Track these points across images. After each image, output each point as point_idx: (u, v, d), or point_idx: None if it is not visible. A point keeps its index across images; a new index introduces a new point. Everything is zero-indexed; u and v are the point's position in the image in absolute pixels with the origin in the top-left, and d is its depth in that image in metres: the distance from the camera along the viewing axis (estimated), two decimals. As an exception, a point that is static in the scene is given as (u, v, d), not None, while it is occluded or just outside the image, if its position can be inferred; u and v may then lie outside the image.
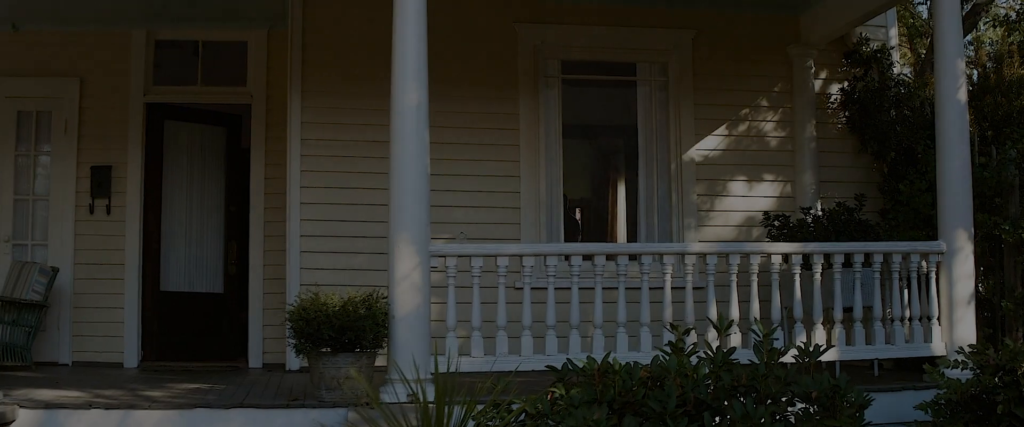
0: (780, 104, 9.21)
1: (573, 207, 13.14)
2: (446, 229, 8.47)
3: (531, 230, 8.55)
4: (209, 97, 9.74)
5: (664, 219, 8.95)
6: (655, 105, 9.07)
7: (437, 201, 8.39)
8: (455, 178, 8.54)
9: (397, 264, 6.49)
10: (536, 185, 8.63)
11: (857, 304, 7.20)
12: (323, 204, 8.53)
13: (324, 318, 6.44)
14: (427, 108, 6.64)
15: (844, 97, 9.30)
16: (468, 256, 6.71)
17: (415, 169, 6.57)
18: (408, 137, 6.58)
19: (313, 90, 8.62)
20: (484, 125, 8.66)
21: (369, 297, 6.64)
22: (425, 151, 6.61)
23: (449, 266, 6.68)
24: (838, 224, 7.90)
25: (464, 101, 8.63)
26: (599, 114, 9.70)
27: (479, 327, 6.67)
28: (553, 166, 8.80)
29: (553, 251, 6.77)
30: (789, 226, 8.16)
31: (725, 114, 9.08)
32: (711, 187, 9.00)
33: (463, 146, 8.61)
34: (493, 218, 8.56)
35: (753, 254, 6.97)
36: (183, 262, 9.73)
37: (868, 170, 9.31)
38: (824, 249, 7.11)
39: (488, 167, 8.62)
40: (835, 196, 9.10)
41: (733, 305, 6.90)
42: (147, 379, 8.02)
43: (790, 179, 9.10)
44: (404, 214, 6.54)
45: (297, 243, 8.49)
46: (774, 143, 9.17)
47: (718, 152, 9.03)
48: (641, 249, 6.83)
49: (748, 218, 8.97)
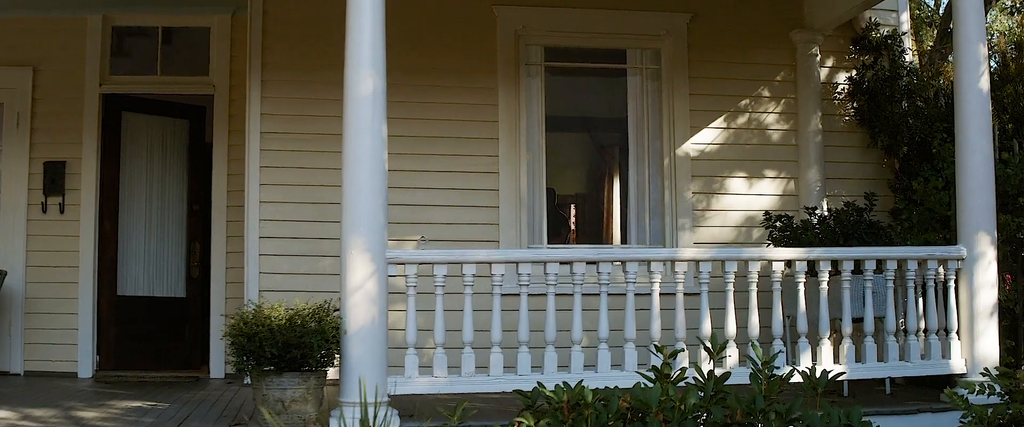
0: (783, 94, 8.31)
1: (562, 205, 12.28)
2: (418, 230, 7.63)
3: (511, 231, 7.69)
4: (170, 87, 8.91)
5: (656, 219, 8.07)
6: (647, 95, 8.19)
7: (407, 200, 7.60)
8: (428, 175, 7.69)
9: (350, 273, 5.66)
10: (516, 182, 7.76)
11: (868, 315, 6.32)
12: (284, 203, 7.68)
13: (267, 333, 5.62)
14: (384, 97, 5.80)
15: (852, 87, 8.41)
16: (430, 263, 5.85)
17: (370, 166, 5.74)
18: (362, 130, 5.74)
19: (274, 79, 7.77)
20: (460, 117, 7.80)
21: (320, 309, 5.82)
22: (382, 145, 5.76)
23: (409, 275, 5.83)
24: (846, 226, 7.01)
25: (437, 91, 7.77)
26: (586, 105, 8.79)
27: (443, 343, 5.82)
28: (535, 162, 7.93)
29: (526, 258, 5.89)
30: (792, 227, 7.27)
31: (723, 105, 8.18)
32: (707, 184, 8.11)
33: (436, 140, 7.75)
34: (469, 218, 7.70)
35: (752, 260, 6.09)
36: (142, 264, 8.91)
37: (878, 166, 8.43)
38: (831, 255, 6.22)
39: (464, 163, 7.76)
40: (842, 194, 8.23)
41: (729, 317, 6.03)
42: (92, 394, 7.21)
43: (793, 176, 8.21)
44: (357, 216, 5.71)
45: (255, 246, 7.65)
46: (776, 137, 8.28)
47: (715, 146, 8.15)
48: (625, 255, 5.95)
49: (747, 218, 8.09)
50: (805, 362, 6.11)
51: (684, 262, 6.01)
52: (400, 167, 7.60)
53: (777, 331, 6.12)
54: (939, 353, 6.39)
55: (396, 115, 7.64)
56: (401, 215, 7.58)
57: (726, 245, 7.95)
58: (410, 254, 5.88)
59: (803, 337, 6.18)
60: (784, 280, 6.25)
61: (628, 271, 5.91)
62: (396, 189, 7.60)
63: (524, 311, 5.83)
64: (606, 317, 5.88)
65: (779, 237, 7.32)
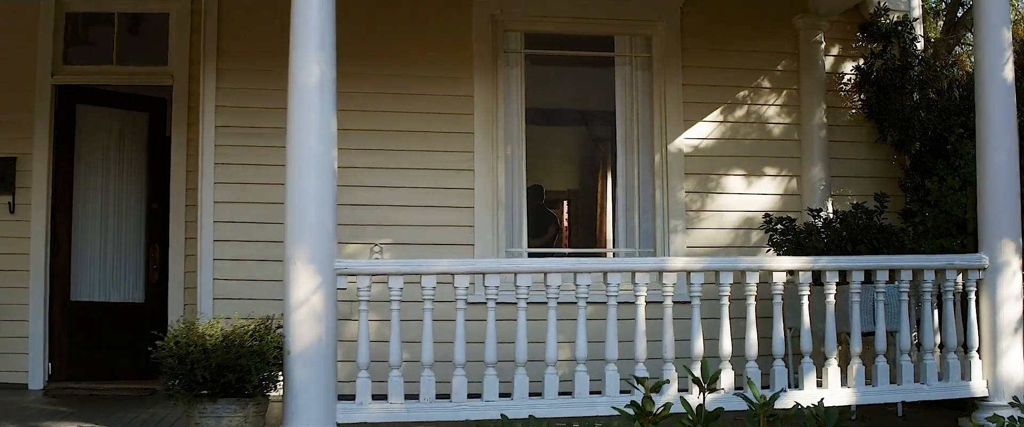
0: (784, 85, 7.50)
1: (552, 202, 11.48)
2: (385, 233, 6.86)
3: (487, 233, 6.89)
4: (127, 78, 8.09)
5: (647, 220, 7.27)
6: (636, 86, 7.37)
7: (373, 200, 6.83)
8: (396, 172, 6.92)
9: (293, 287, 4.92)
10: (493, 180, 6.96)
11: (879, 330, 5.53)
12: (241, 203, 6.91)
13: (199, 354, 4.88)
14: (334, 86, 5.06)
15: (860, 77, 7.59)
16: (385, 275, 5.08)
17: (317, 164, 5.00)
18: (308, 123, 5.00)
19: (230, 69, 6.99)
20: (432, 110, 7.00)
21: (262, 325, 5.08)
22: (330, 141, 5.00)
23: (361, 288, 5.06)
24: (855, 229, 6.22)
25: (406, 81, 6.98)
26: (571, 97, 7.97)
27: (400, 364, 5.05)
28: (514, 158, 7.13)
29: (493, 268, 5.09)
30: (794, 231, 6.47)
31: (719, 97, 7.37)
32: (702, 182, 7.30)
33: (406, 135, 6.96)
34: (442, 219, 6.92)
35: (750, 271, 5.30)
36: (98, 268, 8.12)
37: (887, 163, 7.62)
38: (838, 265, 5.43)
39: (436, 159, 6.96)
40: (848, 193, 7.44)
41: (724, 334, 5.25)
42: (31, 412, 6.48)
43: (796, 173, 7.40)
44: (302, 222, 4.97)
45: (209, 250, 6.89)
46: (777, 131, 7.47)
47: (711, 142, 7.33)
48: (606, 265, 5.18)
49: (746, 219, 7.29)
50: (809, 385, 5.33)
51: (673, 273, 5.22)
52: (365, 164, 6.86)
53: (778, 349, 5.34)
54: (958, 373, 5.61)
55: (360, 107, 6.91)
56: (367, 217, 6.82)
57: (722, 249, 7.17)
58: (361, 264, 5.10)
59: (807, 357, 5.39)
60: (786, 290, 5.46)
61: (610, 284, 5.13)
62: (361, 188, 6.86)
63: (491, 329, 5.06)
64: (584, 335, 5.11)
65: (780, 241, 6.52)
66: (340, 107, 6.87)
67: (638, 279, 5.15)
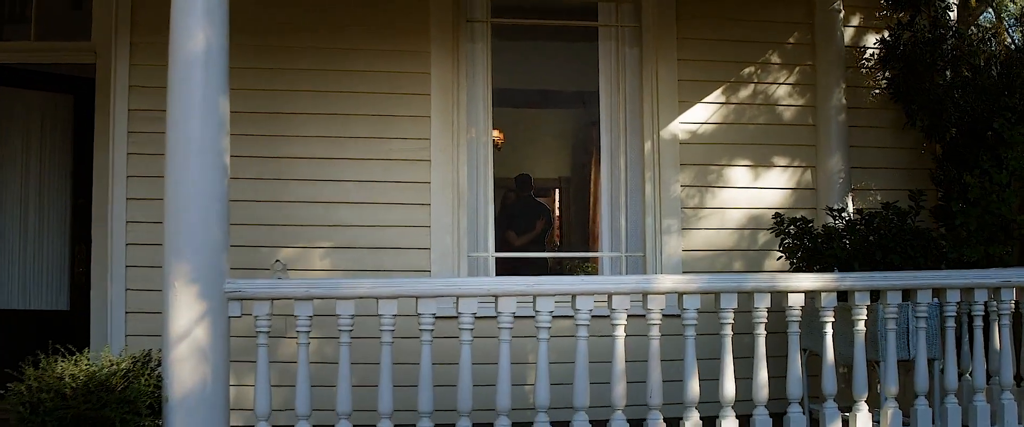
0: (797, 60, 6.17)
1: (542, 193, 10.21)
2: (327, 235, 5.59)
3: (445, 235, 5.61)
4: (46, 56, 6.78)
5: (636, 219, 5.96)
6: (624, 62, 6.04)
7: (312, 196, 5.57)
8: (338, 164, 5.63)
9: (172, 315, 3.68)
10: (454, 172, 5.66)
11: (920, 364, 4.25)
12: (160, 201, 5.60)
13: (55, 402, 3.68)
14: (225, 58, 3.81)
15: (884, 51, 6.25)
16: (288, 299, 3.81)
17: (201, 156, 3.77)
18: (190, 105, 3.76)
19: (147, 43, 5.71)
20: (381, 89, 5.69)
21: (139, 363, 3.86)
22: (219, 127, 3.77)
23: (259, 316, 3.80)
24: (885, 234, 4.92)
25: (350, 57, 5.68)
26: (546, 75, 6.66)
27: (308, 414, 3.80)
28: (479, 147, 5.83)
29: (427, 291, 3.80)
30: (811, 234, 5.18)
31: (720, 74, 6.04)
32: (701, 175, 5.98)
33: (350, 119, 5.66)
34: (393, 218, 5.63)
35: (760, 291, 4.01)
36: (17, 270, 6.86)
37: (915, 152, 6.29)
38: (872, 284, 4.13)
39: (386, 148, 5.66)
40: (871, 187, 6.14)
41: (726, 374, 3.98)
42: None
43: (810, 164, 6.08)
44: (182, 232, 3.74)
45: (121, 255, 5.65)
46: (788, 114, 6.14)
47: (711, 127, 6.01)
48: (573, 286, 3.88)
49: (752, 218, 5.98)
50: (833, 438, 4.06)
51: (661, 295, 3.94)
52: (303, 154, 5.60)
53: (794, 391, 4.07)
54: (1015, 417, 4.32)
55: (298, 87, 5.64)
56: (305, 215, 5.56)
57: (723, 252, 5.88)
58: (259, 286, 3.83)
59: (830, 401, 4.11)
60: (806, 314, 4.18)
61: (579, 309, 3.85)
62: (299, 183, 5.61)
63: (427, 369, 3.79)
64: (546, 377, 3.85)
65: (793, 246, 5.22)
66: (270, 87, 5.64)
67: (616, 303, 3.87)
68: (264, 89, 5.59)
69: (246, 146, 5.55)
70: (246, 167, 5.54)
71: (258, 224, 5.54)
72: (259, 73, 5.59)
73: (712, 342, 4.07)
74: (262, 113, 5.59)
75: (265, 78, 5.60)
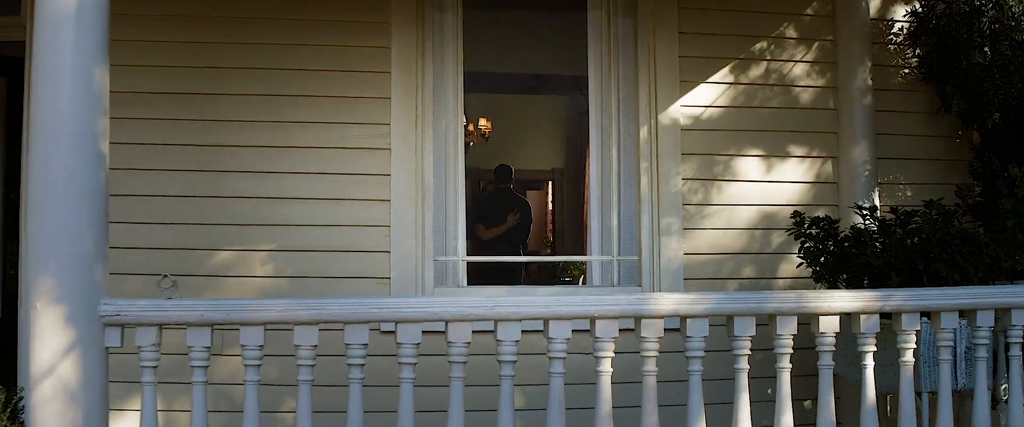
0: (816, 35, 5.19)
1: (530, 185, 9.31)
2: (270, 235, 4.65)
3: (407, 236, 4.66)
4: (-30, 31, 5.92)
5: (630, 217, 5.01)
6: (616, 38, 5.05)
7: (253, 190, 4.62)
8: (284, 153, 4.68)
9: (35, 346, 2.80)
10: (417, 163, 4.71)
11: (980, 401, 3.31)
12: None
13: None
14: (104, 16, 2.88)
15: (915, 25, 5.29)
16: (179, 325, 2.88)
17: (71, 142, 2.85)
18: (57, 76, 2.86)
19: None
20: (333, 66, 4.73)
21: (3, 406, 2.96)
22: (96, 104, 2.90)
23: (143, 347, 2.88)
24: (929, 238, 3.97)
25: (298, 29, 4.72)
26: (526, 54, 5.70)
27: (203, 474, 2.87)
28: (448, 134, 4.87)
29: (358, 315, 2.85)
30: (837, 238, 4.23)
31: (728, 50, 5.06)
32: (705, 166, 5.02)
33: (298, 101, 4.71)
34: (346, 216, 4.69)
35: (784, 314, 3.07)
36: (-58, 272, 5.98)
37: (950, 141, 5.34)
38: (924, 302, 3.18)
39: (340, 135, 4.70)
40: (901, 181, 5.19)
41: (740, 417, 3.04)
42: None
43: (831, 154, 5.11)
44: (44, 237, 2.83)
45: (30, 259, 4.68)
46: (806, 97, 5.17)
47: (717, 111, 5.05)
48: (546, 309, 2.93)
49: (764, 217, 5.02)
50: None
51: (658, 319, 2.99)
52: (246, 141, 4.67)
53: (826, 439, 3.13)
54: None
55: (237, 64, 4.71)
56: (247, 213, 4.63)
57: (731, 256, 4.93)
58: (142, 309, 2.88)
59: (873, 451, 3.17)
60: (843, 343, 3.25)
61: (553, 338, 2.92)
62: (240, 175, 4.67)
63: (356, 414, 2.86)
64: (511, 423, 2.90)
65: (815, 251, 4.28)
66: (204, 64, 4.71)
67: (601, 330, 2.93)
68: (196, 66, 4.65)
69: (175, 133, 4.63)
70: (176, 157, 4.61)
71: (189, 223, 4.61)
72: (190, 48, 4.65)
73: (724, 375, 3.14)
74: (194, 94, 4.65)
75: (198, 53, 4.65)
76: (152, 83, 4.63)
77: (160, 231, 4.58)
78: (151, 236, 4.58)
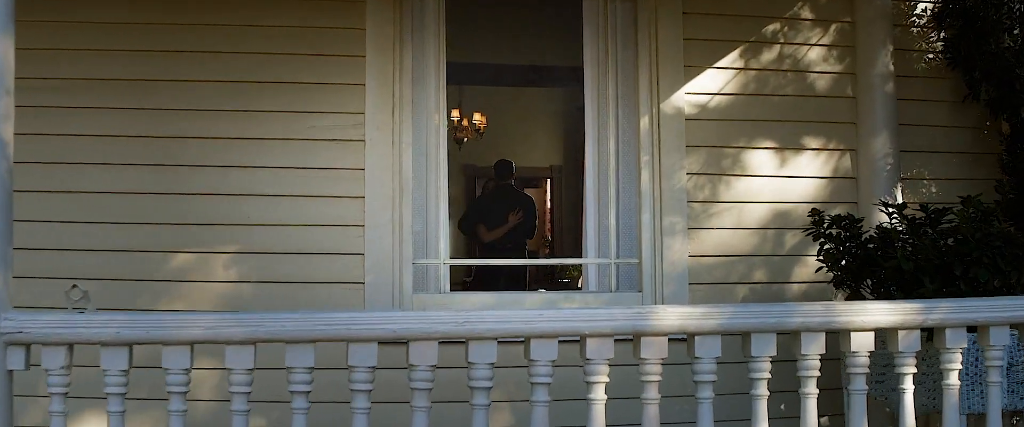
0: (833, 16, 4.68)
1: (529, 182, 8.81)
2: (234, 236, 4.16)
3: (383, 237, 4.17)
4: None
5: (630, 216, 4.51)
6: (614, 20, 4.56)
7: (215, 186, 4.13)
8: (250, 145, 4.19)
9: (-93, 368, 2.24)
10: (394, 157, 4.21)
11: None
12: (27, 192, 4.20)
13: None
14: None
15: (940, 6, 4.81)
16: (91, 343, 2.39)
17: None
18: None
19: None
20: (301, 49, 4.24)
21: None
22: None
23: (50, 370, 2.39)
24: (966, 239, 3.47)
25: (262, 8, 4.24)
26: (519, 44, 5.20)
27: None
28: (428, 125, 4.38)
29: (299, 333, 2.36)
30: (859, 238, 3.74)
31: (737, 33, 4.56)
32: (712, 160, 4.51)
33: (263, 89, 4.21)
34: (317, 215, 4.20)
35: (810, 330, 2.57)
36: None
37: (977, 132, 4.84)
38: (975, 316, 2.68)
39: (309, 126, 4.22)
40: (925, 175, 4.70)
41: (757, 449, 2.55)
42: None
43: (850, 147, 4.59)
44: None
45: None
46: (822, 84, 4.67)
47: (725, 99, 4.54)
48: (527, 325, 2.43)
49: (777, 214, 4.52)
50: None
51: (659, 337, 2.50)
52: (208, 133, 4.18)
53: (857, 474, 2.64)
54: None
55: (195, 48, 4.22)
56: (209, 211, 4.14)
57: (741, 258, 4.44)
58: (48, 325, 2.39)
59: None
60: (879, 362, 2.75)
61: (536, 360, 2.42)
62: (203, 169, 4.18)
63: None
64: (486, 462, 2.41)
65: (836, 254, 3.78)
66: (158, 47, 4.23)
67: (593, 350, 2.44)
68: (150, 49, 4.17)
69: (129, 123, 4.15)
70: (128, 150, 4.13)
71: (144, 222, 4.12)
72: (143, 30, 4.17)
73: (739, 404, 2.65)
74: (148, 81, 4.17)
75: (151, 35, 4.17)
76: (101, 69, 4.14)
77: (119, 231, 4.10)
78: (106, 237, 4.10)
